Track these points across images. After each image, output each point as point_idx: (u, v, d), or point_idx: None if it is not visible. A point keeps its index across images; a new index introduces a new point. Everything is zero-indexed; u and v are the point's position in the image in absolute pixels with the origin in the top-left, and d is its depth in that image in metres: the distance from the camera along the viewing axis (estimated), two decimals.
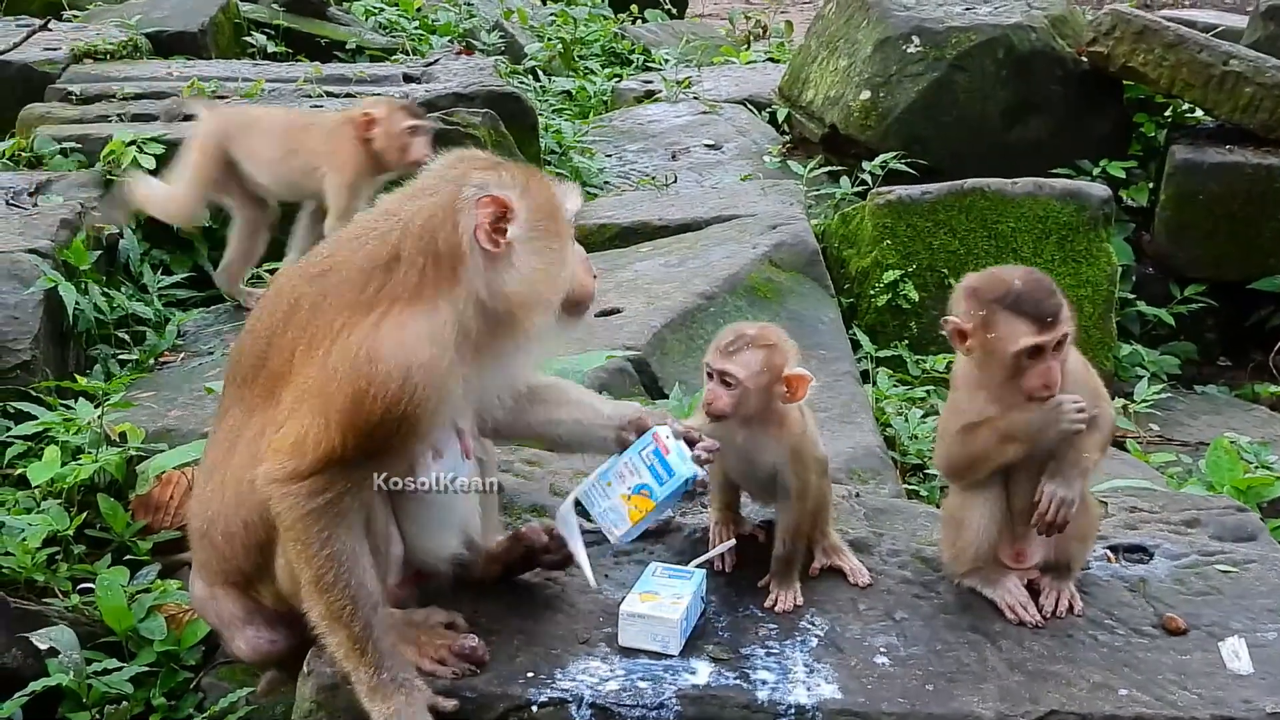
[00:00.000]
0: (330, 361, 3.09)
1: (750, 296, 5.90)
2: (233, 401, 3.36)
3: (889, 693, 3.25)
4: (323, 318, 3.16)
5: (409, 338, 3.05)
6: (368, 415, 3.03)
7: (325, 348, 3.11)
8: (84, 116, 7.73)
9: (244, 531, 3.26)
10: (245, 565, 3.32)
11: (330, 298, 3.17)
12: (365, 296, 3.13)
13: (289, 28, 10.99)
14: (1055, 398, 3.43)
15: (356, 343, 3.07)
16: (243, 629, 3.44)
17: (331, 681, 3.22)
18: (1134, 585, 3.74)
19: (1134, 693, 3.27)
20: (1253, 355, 7.97)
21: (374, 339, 3.05)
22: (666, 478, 3.35)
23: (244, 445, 3.26)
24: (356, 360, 3.04)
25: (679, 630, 3.30)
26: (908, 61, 8.23)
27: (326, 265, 3.25)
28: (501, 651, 3.31)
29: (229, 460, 3.29)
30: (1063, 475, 3.48)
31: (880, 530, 3.98)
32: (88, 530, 4.54)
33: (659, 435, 3.38)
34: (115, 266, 6.52)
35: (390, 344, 3.04)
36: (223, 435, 3.35)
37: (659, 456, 3.36)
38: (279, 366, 3.22)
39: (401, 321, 3.07)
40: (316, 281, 3.22)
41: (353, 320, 3.11)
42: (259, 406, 3.25)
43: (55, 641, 3.84)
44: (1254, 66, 7.89)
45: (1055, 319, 3.38)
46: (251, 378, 3.29)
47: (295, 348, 3.19)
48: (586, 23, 13.16)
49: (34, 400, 5.00)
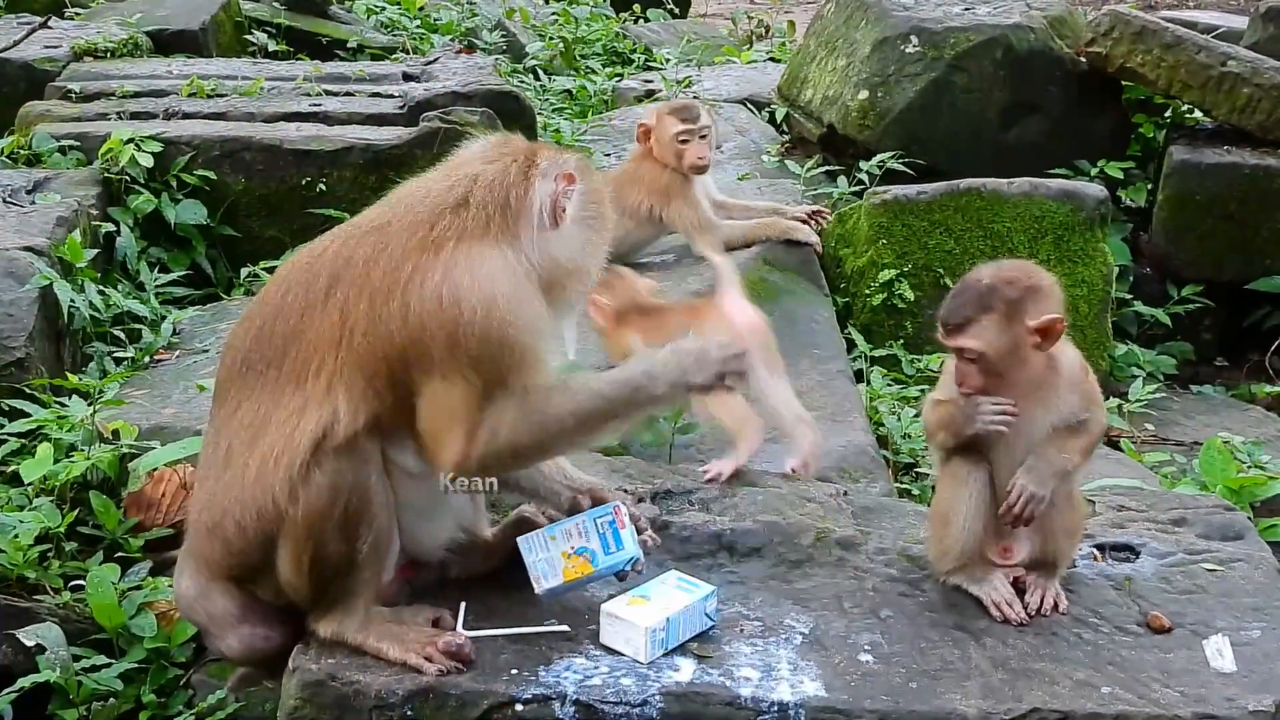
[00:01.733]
0: (411, 313, 3.13)
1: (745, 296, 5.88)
2: (248, 390, 3.31)
3: (872, 690, 3.27)
4: (385, 266, 3.19)
5: (487, 271, 3.16)
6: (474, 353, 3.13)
7: (398, 299, 3.15)
8: (83, 115, 7.72)
9: (258, 521, 3.25)
10: (255, 557, 3.32)
11: (393, 245, 3.22)
12: (434, 235, 3.20)
13: (290, 26, 11.00)
14: (974, 397, 3.50)
15: (435, 284, 3.13)
16: (236, 627, 3.46)
17: (317, 678, 3.24)
18: (1119, 583, 3.75)
19: (1117, 690, 3.28)
20: (1249, 355, 7.95)
21: (453, 277, 3.14)
22: (615, 550, 3.43)
23: (275, 428, 3.23)
24: (443, 302, 3.12)
25: (648, 639, 3.29)
26: (906, 61, 8.22)
27: (384, 219, 3.30)
28: (486, 648, 3.33)
29: (253, 448, 3.25)
30: (1036, 472, 3.51)
31: (867, 529, 3.99)
32: (80, 527, 4.55)
33: (619, 510, 3.49)
34: (112, 264, 6.53)
35: (470, 279, 3.14)
36: (239, 425, 3.30)
37: (614, 529, 3.45)
38: (323, 336, 3.21)
39: (475, 256, 3.17)
40: (371, 236, 3.27)
41: (423, 263, 3.16)
42: (291, 387, 3.23)
43: (43, 639, 3.85)
44: (1252, 68, 7.87)
45: (956, 328, 3.48)
46: (278, 359, 3.27)
47: (353, 308, 3.19)
48: (588, 22, 13.15)
49: (28, 398, 5.01)
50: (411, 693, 3.18)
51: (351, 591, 3.31)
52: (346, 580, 3.29)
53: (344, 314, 3.20)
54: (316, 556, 3.25)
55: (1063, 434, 3.56)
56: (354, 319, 3.19)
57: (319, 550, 3.23)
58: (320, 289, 3.25)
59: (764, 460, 4.86)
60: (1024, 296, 3.48)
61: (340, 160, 7.22)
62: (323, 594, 3.32)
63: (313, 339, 3.23)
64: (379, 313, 3.16)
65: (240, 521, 3.28)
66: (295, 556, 3.26)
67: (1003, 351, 3.47)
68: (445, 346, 3.11)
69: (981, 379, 3.51)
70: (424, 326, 3.13)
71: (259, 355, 3.31)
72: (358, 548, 3.26)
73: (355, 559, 3.26)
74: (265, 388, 3.28)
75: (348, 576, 3.29)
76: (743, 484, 4.18)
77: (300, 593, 3.33)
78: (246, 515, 3.27)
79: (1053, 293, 3.53)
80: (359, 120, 7.85)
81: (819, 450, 4.42)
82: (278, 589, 3.36)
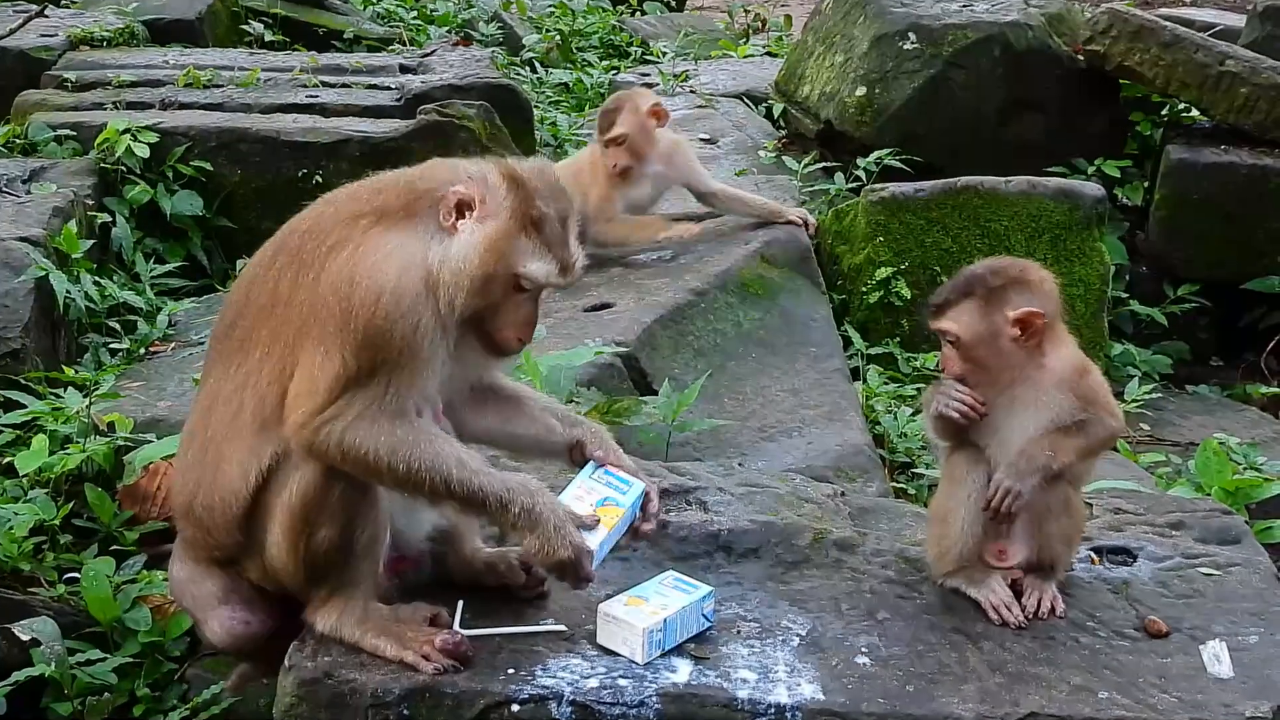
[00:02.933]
0: (322, 285, 3.16)
1: (742, 293, 5.90)
2: (213, 361, 3.39)
3: (870, 693, 3.26)
4: (314, 239, 3.24)
5: (391, 258, 3.16)
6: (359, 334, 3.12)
7: (315, 271, 3.19)
8: (79, 104, 7.70)
9: (222, 503, 3.27)
10: (229, 540, 3.33)
11: (325, 221, 3.28)
12: (360, 216, 3.23)
13: (286, 16, 10.96)
14: (943, 380, 3.59)
15: (343, 262, 3.16)
16: (217, 609, 3.45)
17: (313, 675, 3.23)
18: (1117, 587, 3.75)
19: (1114, 695, 3.28)
20: (1245, 355, 7.96)
21: (361, 256, 3.15)
22: (625, 488, 3.40)
23: (222, 403, 3.28)
24: (340, 280, 3.14)
25: (644, 640, 3.28)
26: (904, 58, 8.22)
27: (332, 196, 3.39)
28: (484, 647, 3.32)
29: (207, 421, 3.31)
30: (1015, 468, 3.51)
31: (865, 530, 3.99)
32: (75, 520, 4.54)
33: (601, 458, 3.46)
34: (108, 254, 6.52)
35: (374, 262, 3.14)
36: (202, 397, 3.38)
37: (610, 474, 3.43)
38: (261, 306, 3.26)
39: (385, 241, 3.18)
40: (312, 211, 3.36)
41: (342, 238, 3.21)
42: (237, 357, 3.28)
43: (37, 633, 3.84)
44: (1250, 67, 7.88)
45: (938, 309, 3.57)
46: (229, 331, 3.34)
47: (284, 277, 3.24)
48: (585, 14, 13.14)
49: (23, 388, 4.99)
50: (408, 691, 3.17)
51: (352, 582, 3.30)
52: (344, 570, 3.29)
53: (277, 283, 3.26)
54: (310, 541, 3.23)
55: (1055, 434, 3.55)
56: (283, 288, 3.24)
57: (312, 535, 3.23)
58: (267, 259, 3.34)
59: (761, 459, 4.88)
60: (1006, 286, 3.51)
61: (337, 153, 7.22)
62: (321, 581, 3.30)
63: (253, 310, 3.30)
64: (300, 281, 3.21)
65: (207, 503, 3.30)
66: (280, 536, 3.25)
67: (980, 338, 3.50)
68: (339, 322, 3.12)
69: (960, 366, 3.54)
70: (325, 299, 3.15)
71: (220, 329, 3.41)
72: (355, 537, 3.25)
73: (352, 547, 3.25)
74: (219, 362, 3.35)
75: (345, 566, 3.28)
76: (741, 484, 4.17)
77: (294, 578, 3.32)
78: (213, 496, 3.29)
79: (1041, 289, 3.54)
80: (356, 112, 7.85)
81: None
82: (264, 568, 3.35)
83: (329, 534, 3.22)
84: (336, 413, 3.13)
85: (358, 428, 3.12)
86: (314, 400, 3.13)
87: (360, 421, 3.13)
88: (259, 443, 3.23)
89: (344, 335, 3.11)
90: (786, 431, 5.11)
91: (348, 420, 3.12)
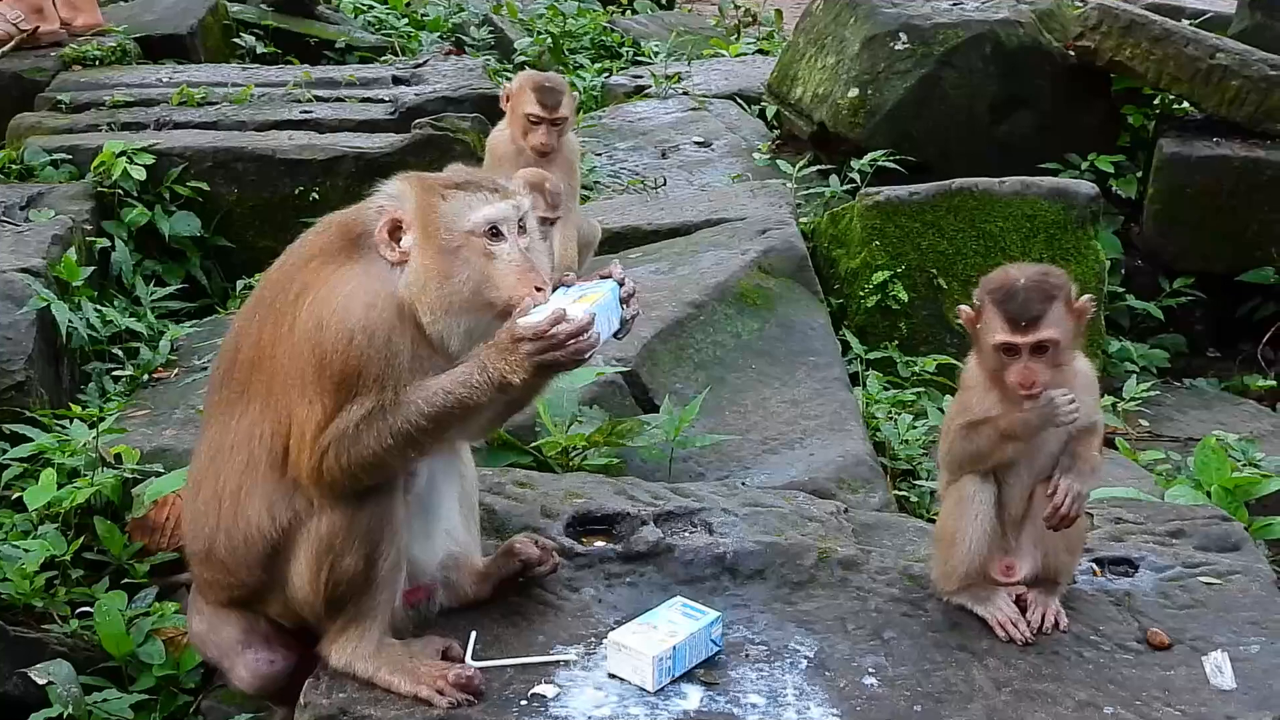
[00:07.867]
0: (296, 335, 3.23)
1: (740, 304, 5.92)
2: (213, 411, 3.47)
3: (877, 714, 3.31)
4: (280, 288, 3.32)
5: (348, 294, 3.22)
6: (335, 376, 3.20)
7: (289, 321, 3.25)
8: (74, 125, 7.72)
9: (245, 545, 3.34)
10: (251, 579, 3.39)
11: (287, 268, 3.37)
12: (317, 259, 3.31)
13: (278, 27, 10.96)
14: (1045, 394, 3.46)
15: (309, 308, 3.22)
16: (242, 654, 3.52)
17: (329, 712, 3.27)
18: (1119, 599, 3.78)
19: (1119, 710, 3.32)
20: (1241, 347, 7.99)
21: (321, 299, 3.22)
22: (599, 286, 3.38)
23: (229, 452, 3.35)
24: (311, 328, 3.20)
25: (654, 667, 3.33)
26: (895, 59, 8.23)
27: (296, 244, 3.46)
28: (496, 678, 3.36)
29: (217, 470, 3.37)
30: (1076, 470, 3.54)
31: (869, 547, 4.02)
32: (85, 553, 4.58)
33: (570, 281, 3.42)
34: (108, 279, 6.54)
35: (334, 304, 3.21)
36: (205, 446, 3.46)
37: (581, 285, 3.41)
38: (248, 357, 3.35)
39: (342, 280, 3.24)
40: (279, 260, 3.45)
41: (306, 284, 3.27)
42: (237, 407, 3.35)
43: (53, 676, 3.87)
44: (1240, 60, 7.89)
45: (1033, 323, 3.45)
46: (225, 379, 3.42)
47: (264, 329, 3.31)
48: (576, 16, 13.12)
49: (29, 421, 5.01)
50: None
51: (368, 614, 3.35)
52: (362, 600, 3.33)
53: (259, 335, 3.33)
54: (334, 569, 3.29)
55: (1085, 434, 3.59)
56: (264, 340, 3.31)
57: (337, 563, 3.28)
58: (248, 310, 3.44)
59: (764, 473, 4.91)
60: (1066, 283, 3.55)
61: (333, 169, 7.26)
62: (338, 612, 3.35)
63: (244, 363, 3.37)
64: (278, 333, 3.28)
65: (230, 545, 3.37)
66: (314, 570, 3.31)
67: (1069, 338, 3.52)
68: (315, 369, 3.20)
69: (1050, 373, 3.47)
70: (300, 350, 3.22)
71: (216, 378, 3.49)
72: (379, 564, 3.30)
73: (375, 575, 3.30)
74: (219, 412, 3.42)
75: (364, 596, 3.32)
76: (745, 503, 4.20)
77: (315, 609, 3.37)
78: (236, 539, 3.35)
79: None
80: (350, 127, 7.88)
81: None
82: (284, 604, 3.41)
83: (353, 561, 3.28)
84: (328, 441, 3.20)
85: (352, 447, 3.20)
86: (310, 449, 3.22)
87: (351, 438, 3.19)
88: (275, 488, 3.31)
89: (321, 382, 3.20)
90: (788, 443, 5.13)
91: (343, 445, 3.19)
